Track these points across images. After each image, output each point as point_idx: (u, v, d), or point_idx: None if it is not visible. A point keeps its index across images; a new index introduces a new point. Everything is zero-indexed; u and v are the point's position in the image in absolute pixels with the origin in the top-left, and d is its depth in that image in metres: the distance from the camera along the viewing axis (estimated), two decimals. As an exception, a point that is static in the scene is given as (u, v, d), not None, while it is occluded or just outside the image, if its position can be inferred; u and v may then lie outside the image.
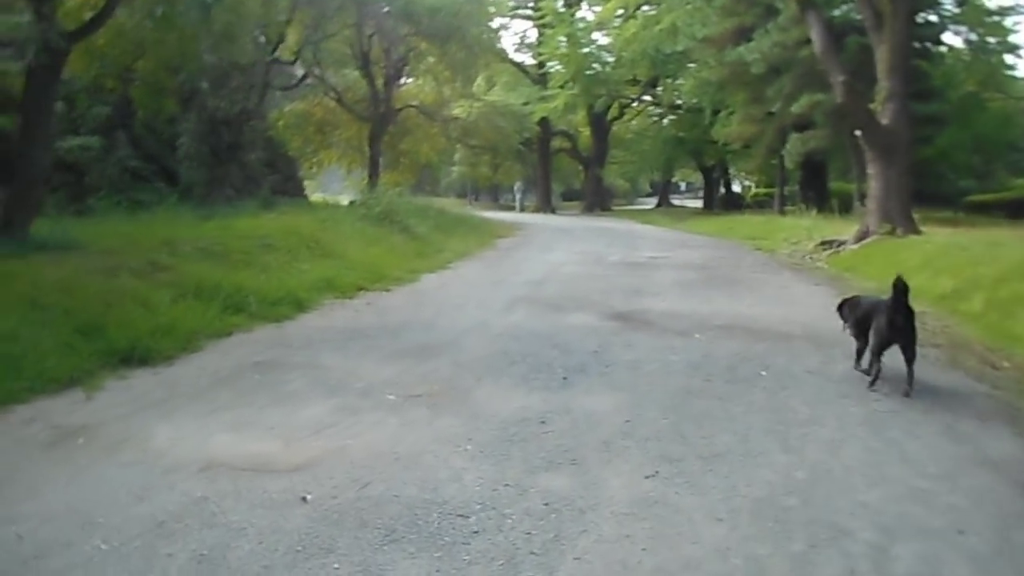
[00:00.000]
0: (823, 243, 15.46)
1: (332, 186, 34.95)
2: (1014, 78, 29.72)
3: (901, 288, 4.96)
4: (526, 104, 33.21)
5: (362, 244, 12.54)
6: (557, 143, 42.26)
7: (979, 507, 3.32)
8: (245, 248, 10.27)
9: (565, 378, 5.39)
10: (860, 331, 5.49)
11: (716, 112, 26.72)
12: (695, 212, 35.59)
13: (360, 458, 3.82)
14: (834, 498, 3.38)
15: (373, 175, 23.40)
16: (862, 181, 20.74)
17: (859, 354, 5.55)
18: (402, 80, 24.44)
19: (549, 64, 35.06)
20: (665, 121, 38.74)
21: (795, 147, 21.25)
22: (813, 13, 14.26)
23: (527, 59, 39.90)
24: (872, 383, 5.11)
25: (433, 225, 16.45)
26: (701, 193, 45.53)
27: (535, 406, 4.70)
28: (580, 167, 43.73)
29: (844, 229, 16.61)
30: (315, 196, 25.63)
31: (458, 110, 25.27)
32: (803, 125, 21.49)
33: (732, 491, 3.45)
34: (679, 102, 32.89)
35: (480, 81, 36.85)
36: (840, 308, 5.94)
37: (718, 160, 35.97)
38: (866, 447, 4.04)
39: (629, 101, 39.35)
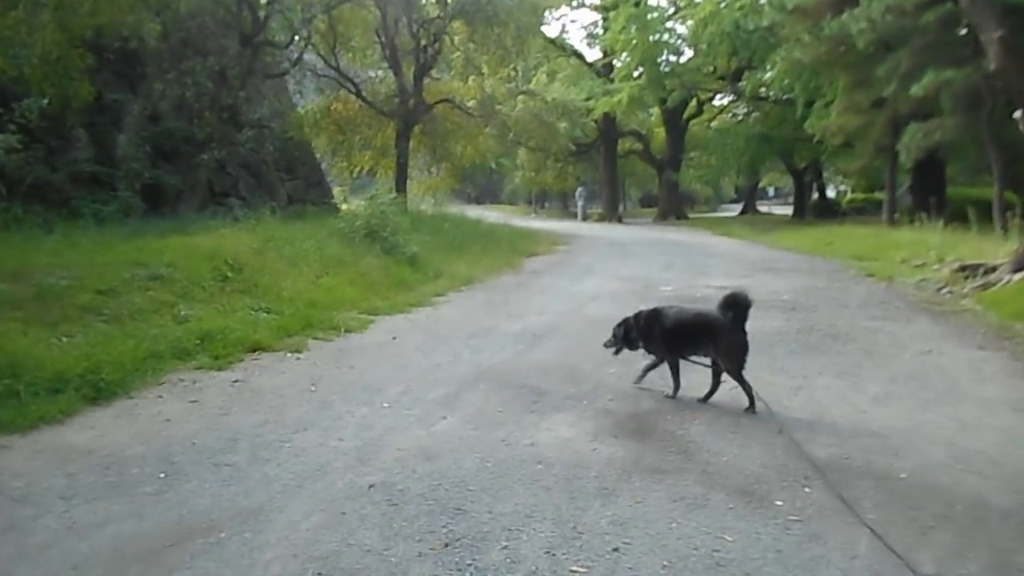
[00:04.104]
0: (962, 268, 11.22)
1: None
2: None
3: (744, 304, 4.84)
4: (588, 99, 29.45)
5: (315, 272, 9.24)
6: (627, 144, 38.28)
7: None
8: (114, 282, 7.11)
9: None
10: (671, 347, 5.12)
11: (810, 103, 22.34)
12: (784, 221, 30.81)
13: None
14: None
15: (400, 179, 20.24)
16: (1005, 185, 16.19)
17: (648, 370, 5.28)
18: (435, 72, 21.18)
19: (616, 55, 31.32)
20: (751, 118, 34.04)
21: (914, 140, 16.70)
22: (956, -58, 10.15)
23: (595, 54, 36.34)
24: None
25: (440, 242, 13.04)
26: (791, 199, 40.34)
27: None
28: (654, 171, 39.71)
29: (986, 249, 12.26)
30: (349, 204, 22.67)
31: (499, 106, 21.73)
32: (923, 114, 17.03)
33: None
34: (765, 94, 28.45)
35: (541, 75, 33.43)
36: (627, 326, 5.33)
37: (811, 161, 31.17)
38: None
39: (708, 96, 35.10)
